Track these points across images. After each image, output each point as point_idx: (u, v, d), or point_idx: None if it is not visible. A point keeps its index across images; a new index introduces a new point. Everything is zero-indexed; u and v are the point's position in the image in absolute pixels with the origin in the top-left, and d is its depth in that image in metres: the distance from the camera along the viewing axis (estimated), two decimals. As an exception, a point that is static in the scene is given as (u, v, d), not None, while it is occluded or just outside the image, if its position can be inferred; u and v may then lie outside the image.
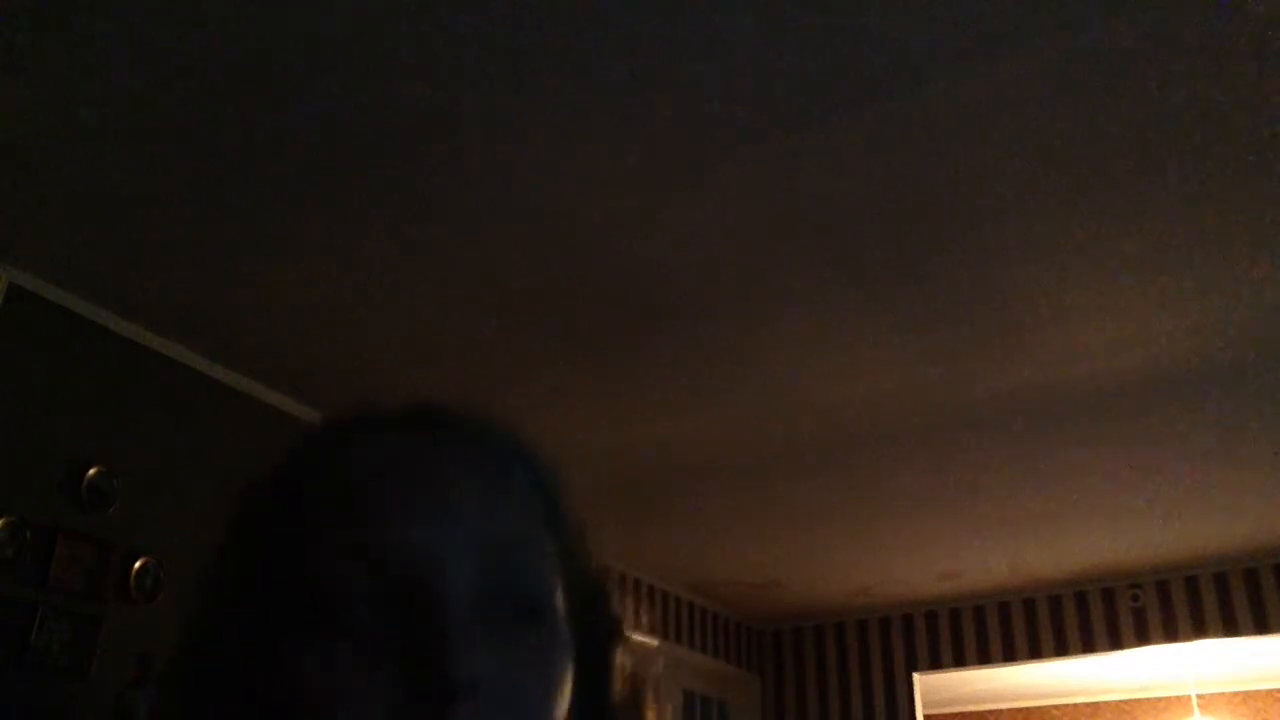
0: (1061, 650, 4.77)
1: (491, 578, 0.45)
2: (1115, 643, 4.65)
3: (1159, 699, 6.61)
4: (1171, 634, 4.53)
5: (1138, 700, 6.73)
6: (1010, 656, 4.90)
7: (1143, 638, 4.59)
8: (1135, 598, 4.61)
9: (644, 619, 4.69)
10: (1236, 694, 6.45)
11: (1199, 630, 4.49)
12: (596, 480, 3.52)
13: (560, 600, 0.49)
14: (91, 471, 2.49)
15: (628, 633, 0.56)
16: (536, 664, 0.46)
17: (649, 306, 2.63)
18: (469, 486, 0.47)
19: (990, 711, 7.13)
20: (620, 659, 0.54)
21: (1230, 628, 4.43)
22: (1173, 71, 1.86)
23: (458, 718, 0.41)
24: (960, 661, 5.02)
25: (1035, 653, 4.83)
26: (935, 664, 5.06)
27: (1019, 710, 7.12)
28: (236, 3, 1.72)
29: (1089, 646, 4.71)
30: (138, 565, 2.54)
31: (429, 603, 0.43)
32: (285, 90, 1.91)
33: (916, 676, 5.08)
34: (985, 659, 4.97)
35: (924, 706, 5.10)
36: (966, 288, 2.53)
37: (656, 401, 3.13)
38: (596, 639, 0.53)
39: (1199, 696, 6.08)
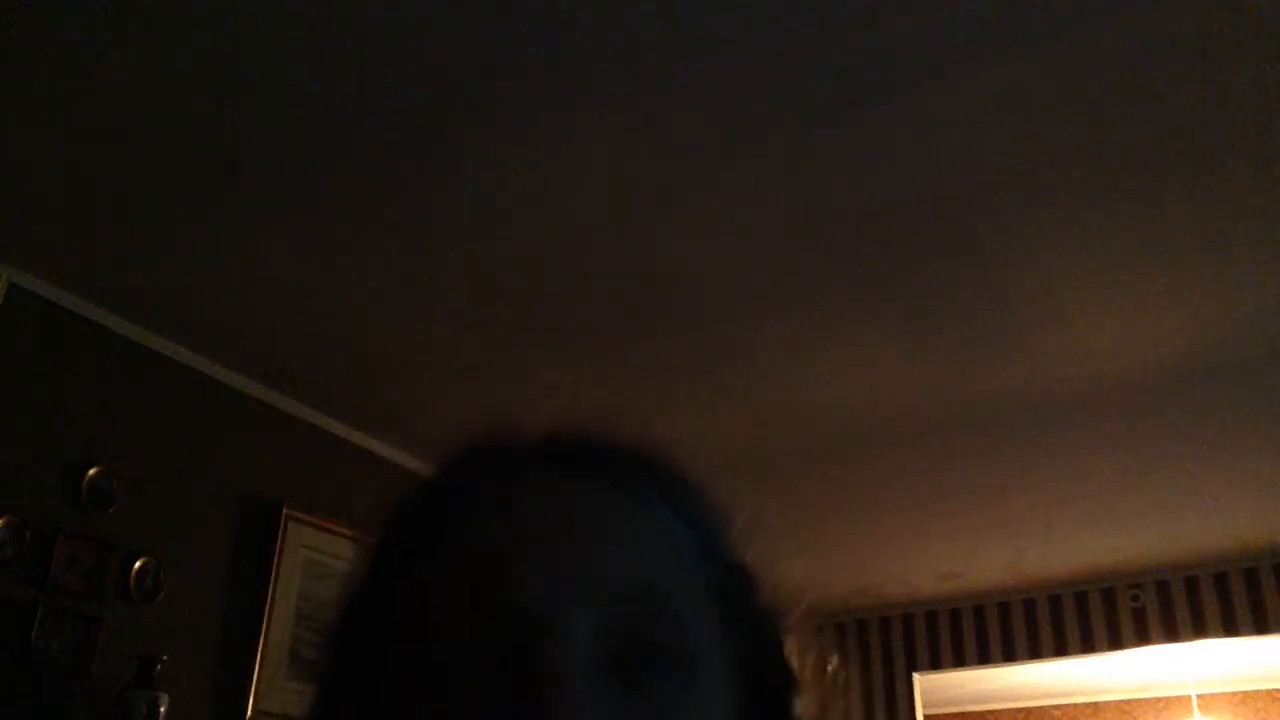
0: (1061, 650, 4.77)
1: (617, 627, 0.43)
2: (1115, 643, 4.64)
3: (1159, 699, 6.60)
4: (1171, 634, 4.53)
5: (1138, 700, 6.73)
6: (1010, 656, 4.89)
7: (1143, 638, 4.58)
8: (1135, 598, 4.61)
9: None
10: (1236, 694, 6.44)
11: (1199, 630, 4.48)
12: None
13: (711, 644, 0.46)
14: (91, 471, 2.49)
15: (817, 679, 0.52)
16: (672, 713, 0.43)
17: (648, 306, 2.63)
18: (593, 529, 0.46)
19: (990, 711, 7.12)
20: (804, 709, 0.50)
21: (1230, 628, 4.42)
22: (1173, 71, 1.86)
23: None
24: (960, 661, 5.02)
25: (1035, 653, 4.83)
26: (935, 664, 5.06)
27: (1019, 710, 7.11)
28: (236, 4, 1.72)
29: (1089, 646, 4.70)
30: (138, 565, 2.54)
31: (538, 665, 0.41)
32: (287, 90, 1.91)
33: (916, 676, 5.08)
34: (985, 659, 4.96)
35: (924, 706, 5.10)
36: (966, 288, 2.54)
37: (655, 401, 3.13)
38: (770, 688, 0.49)
39: (1199, 696, 6.08)
